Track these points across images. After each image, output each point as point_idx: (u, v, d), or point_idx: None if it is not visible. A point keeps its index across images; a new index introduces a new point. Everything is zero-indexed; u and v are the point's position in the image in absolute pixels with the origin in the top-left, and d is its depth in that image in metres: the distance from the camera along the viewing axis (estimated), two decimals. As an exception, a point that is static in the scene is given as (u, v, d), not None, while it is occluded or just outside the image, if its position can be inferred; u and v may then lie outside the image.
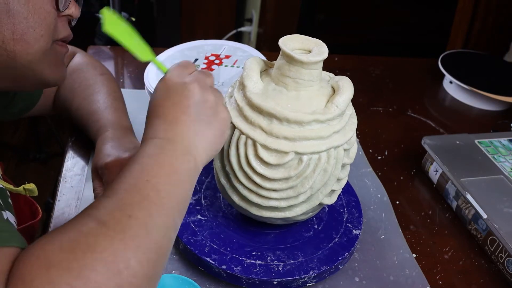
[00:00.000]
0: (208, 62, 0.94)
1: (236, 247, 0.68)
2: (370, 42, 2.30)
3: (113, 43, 1.44)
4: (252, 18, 2.08)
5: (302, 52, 0.62)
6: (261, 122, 0.60)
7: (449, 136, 0.96)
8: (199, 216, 0.72)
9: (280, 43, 0.61)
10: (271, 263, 0.67)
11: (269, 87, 0.62)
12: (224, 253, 0.67)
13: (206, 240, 0.68)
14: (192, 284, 0.63)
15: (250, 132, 0.61)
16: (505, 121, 1.10)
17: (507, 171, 0.88)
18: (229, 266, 0.65)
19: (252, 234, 0.71)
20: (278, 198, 0.63)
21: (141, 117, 0.97)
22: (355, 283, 0.70)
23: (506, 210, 0.80)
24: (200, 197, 0.75)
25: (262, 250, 0.69)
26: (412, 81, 1.24)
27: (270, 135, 0.60)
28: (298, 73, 0.60)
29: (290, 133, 0.60)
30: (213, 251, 0.67)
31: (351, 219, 0.75)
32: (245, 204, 0.65)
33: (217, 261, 0.66)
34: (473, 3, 1.51)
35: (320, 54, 0.60)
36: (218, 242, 0.68)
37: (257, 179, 0.62)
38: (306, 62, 0.59)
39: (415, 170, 0.94)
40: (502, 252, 0.75)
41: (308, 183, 0.62)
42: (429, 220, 0.84)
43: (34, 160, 2.04)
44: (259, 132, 0.60)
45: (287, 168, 0.61)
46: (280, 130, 0.60)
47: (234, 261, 0.66)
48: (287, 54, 0.59)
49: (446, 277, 0.74)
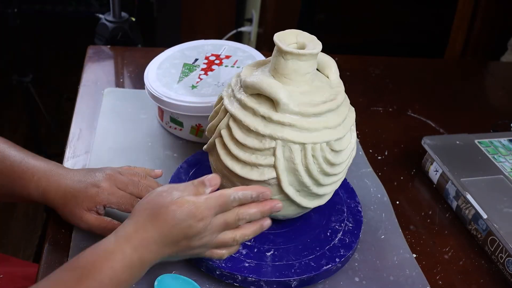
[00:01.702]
0: (208, 62, 0.94)
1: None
2: (370, 42, 2.30)
3: (113, 43, 1.45)
4: (252, 18, 2.08)
5: (292, 45, 0.65)
6: (323, 123, 0.63)
7: (449, 136, 0.96)
8: None
9: (281, 44, 0.62)
10: (270, 263, 0.67)
11: (294, 92, 0.63)
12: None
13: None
14: (192, 284, 0.63)
15: (321, 137, 0.63)
16: (505, 121, 1.10)
17: (507, 171, 0.88)
18: (227, 266, 0.65)
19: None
20: (344, 169, 0.68)
21: (141, 117, 0.97)
22: (355, 283, 0.70)
23: (506, 210, 0.80)
24: None
25: (260, 250, 0.69)
26: (412, 81, 1.24)
27: (335, 128, 0.64)
28: (314, 66, 0.64)
29: (343, 115, 0.65)
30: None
31: (351, 219, 0.75)
32: (318, 201, 0.69)
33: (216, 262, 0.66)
34: (473, 3, 1.51)
35: (315, 42, 0.64)
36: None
37: (334, 170, 0.66)
38: (315, 54, 0.62)
39: (415, 170, 0.94)
40: (502, 252, 0.75)
41: (350, 161, 0.69)
42: (429, 220, 0.84)
43: (34, 160, 2.04)
44: (326, 132, 0.63)
45: (350, 144, 0.67)
46: (338, 118, 0.64)
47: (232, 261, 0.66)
48: (300, 54, 0.62)
49: (446, 277, 0.74)
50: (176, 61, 0.95)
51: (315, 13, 2.12)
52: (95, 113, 0.97)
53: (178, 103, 0.86)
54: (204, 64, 0.94)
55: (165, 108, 0.88)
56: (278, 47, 0.62)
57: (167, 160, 0.87)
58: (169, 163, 0.86)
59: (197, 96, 0.86)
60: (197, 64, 0.94)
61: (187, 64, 0.94)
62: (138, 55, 1.19)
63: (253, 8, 2.09)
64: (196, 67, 0.93)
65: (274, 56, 0.64)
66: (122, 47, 1.23)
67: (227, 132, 0.65)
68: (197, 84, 0.89)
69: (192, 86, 0.89)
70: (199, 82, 0.90)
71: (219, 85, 0.89)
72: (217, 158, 0.67)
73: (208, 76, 0.91)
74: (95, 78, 1.07)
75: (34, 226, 1.81)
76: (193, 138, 0.91)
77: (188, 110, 0.86)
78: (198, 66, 0.94)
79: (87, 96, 1.02)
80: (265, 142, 0.62)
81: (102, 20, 1.45)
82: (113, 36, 1.44)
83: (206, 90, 0.88)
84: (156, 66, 0.93)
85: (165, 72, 0.92)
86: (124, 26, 1.45)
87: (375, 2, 2.35)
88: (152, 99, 0.90)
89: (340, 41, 1.82)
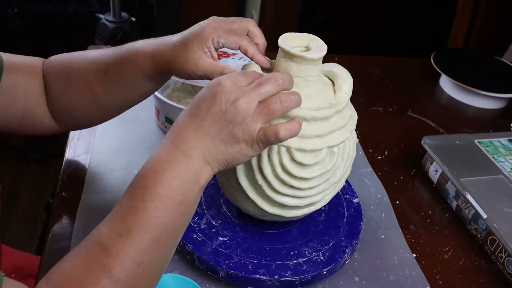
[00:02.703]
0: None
1: (237, 247, 0.68)
2: (370, 42, 2.30)
3: (113, 42, 1.45)
4: (252, 18, 2.08)
5: (300, 49, 0.63)
6: None
7: (449, 136, 0.96)
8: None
9: (283, 45, 0.61)
10: (271, 262, 0.67)
11: None
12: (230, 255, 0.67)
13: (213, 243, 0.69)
14: (192, 284, 0.63)
15: None
16: (505, 121, 1.10)
17: (507, 171, 0.88)
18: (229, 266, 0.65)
19: (253, 233, 0.71)
20: (315, 194, 0.65)
21: (141, 117, 0.97)
22: (355, 283, 0.70)
23: (506, 210, 0.80)
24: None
25: (261, 249, 0.69)
26: (412, 81, 1.24)
27: (303, 138, 0.60)
28: (309, 71, 0.61)
29: (320, 131, 0.61)
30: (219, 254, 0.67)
31: (351, 219, 0.75)
32: (279, 210, 0.66)
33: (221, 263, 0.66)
34: (473, 2, 1.51)
35: (321, 48, 0.62)
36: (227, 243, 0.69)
37: (295, 183, 0.62)
38: (316, 59, 0.60)
39: (415, 170, 0.94)
40: (502, 252, 0.75)
41: (339, 171, 0.65)
42: (429, 220, 0.84)
43: (34, 160, 2.04)
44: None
45: (322, 164, 0.63)
46: (311, 130, 0.61)
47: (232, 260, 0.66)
48: (297, 55, 0.60)
49: (446, 277, 0.74)
50: None
51: (315, 13, 2.12)
52: (95, 113, 0.97)
53: (171, 103, 0.87)
54: None
55: (160, 107, 0.89)
56: (279, 45, 0.62)
57: (167, 160, 0.87)
58: (169, 163, 0.86)
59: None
60: None
61: None
62: (138, 55, 1.19)
63: (253, 8, 2.09)
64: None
65: (278, 54, 0.63)
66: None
67: None
68: None
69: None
70: None
71: None
72: None
73: None
74: (95, 78, 1.07)
75: (34, 226, 1.81)
76: None
77: (180, 111, 0.87)
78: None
79: (87, 96, 1.02)
80: None
81: (102, 20, 1.46)
82: (113, 36, 1.45)
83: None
84: None
85: None
86: (124, 26, 1.45)
87: (375, 2, 2.36)
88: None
89: (340, 41, 1.82)
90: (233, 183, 0.65)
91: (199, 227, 0.70)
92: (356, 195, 0.79)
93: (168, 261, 0.53)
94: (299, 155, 0.61)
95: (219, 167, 0.54)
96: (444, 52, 1.27)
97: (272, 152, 0.61)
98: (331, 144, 0.62)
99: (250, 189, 0.65)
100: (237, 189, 0.65)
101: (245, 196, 0.65)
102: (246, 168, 0.63)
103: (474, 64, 1.24)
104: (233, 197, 0.68)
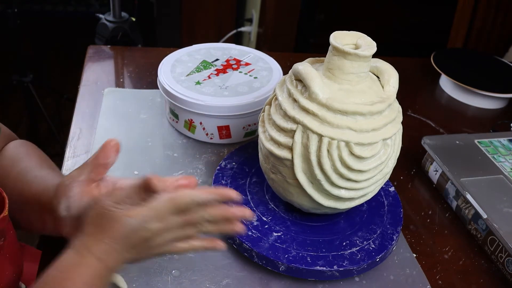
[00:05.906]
0: (226, 65, 0.96)
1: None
2: (370, 42, 2.29)
3: (113, 42, 1.45)
4: (252, 18, 2.08)
5: (350, 46, 0.66)
6: (348, 123, 0.63)
7: (449, 136, 0.96)
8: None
9: (336, 43, 0.63)
10: (328, 254, 0.69)
11: (333, 87, 0.65)
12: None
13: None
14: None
15: (340, 135, 0.63)
16: (505, 121, 1.10)
17: (507, 171, 0.88)
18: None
19: (304, 226, 0.73)
20: (369, 185, 0.67)
21: (141, 117, 0.97)
22: (355, 283, 0.70)
23: (506, 210, 0.80)
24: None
25: (315, 242, 0.71)
26: (412, 81, 1.24)
27: (360, 132, 0.63)
28: (361, 68, 0.64)
29: (376, 124, 0.64)
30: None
31: (392, 207, 0.78)
32: (334, 202, 0.68)
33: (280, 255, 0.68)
34: (473, 2, 1.51)
35: (371, 45, 0.65)
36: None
37: (353, 176, 0.65)
38: (368, 56, 0.63)
39: (415, 170, 0.94)
40: (502, 252, 0.75)
41: (391, 162, 0.68)
42: (429, 220, 0.84)
43: (34, 160, 2.04)
44: (349, 132, 0.63)
45: (377, 156, 0.65)
46: (368, 124, 0.63)
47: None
48: (351, 53, 0.63)
49: (446, 277, 0.74)
50: (198, 56, 0.97)
51: (315, 13, 2.12)
52: (95, 113, 0.97)
53: (174, 93, 0.87)
54: (221, 66, 0.96)
55: (165, 96, 0.90)
56: (331, 43, 0.64)
57: (167, 160, 0.87)
58: (169, 163, 0.86)
59: (195, 92, 0.87)
60: (214, 64, 0.96)
61: (205, 62, 0.96)
62: (138, 55, 1.19)
63: (253, 8, 2.09)
64: (212, 66, 0.95)
65: (329, 52, 0.66)
66: (122, 47, 1.23)
67: (268, 107, 0.70)
68: (202, 82, 0.90)
69: (197, 82, 0.90)
70: (205, 80, 0.90)
71: (222, 87, 0.89)
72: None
73: (218, 77, 0.92)
74: (95, 78, 1.08)
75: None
76: (187, 132, 0.92)
77: (181, 103, 0.87)
78: (214, 66, 0.95)
79: (87, 96, 1.02)
80: (289, 123, 0.65)
81: (102, 20, 1.46)
82: (113, 36, 1.45)
83: (207, 89, 0.88)
84: (178, 56, 0.96)
85: (183, 63, 0.95)
86: (124, 26, 1.45)
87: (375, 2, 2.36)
88: (158, 84, 0.92)
89: (340, 41, 1.82)
90: (288, 179, 0.68)
91: (252, 224, 0.72)
92: (391, 184, 0.82)
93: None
94: (357, 149, 0.63)
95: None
96: (444, 52, 1.27)
97: (332, 147, 0.63)
98: (385, 137, 0.65)
99: (307, 184, 0.67)
100: (292, 184, 0.68)
101: (301, 191, 0.68)
102: (304, 164, 0.65)
103: (474, 64, 1.24)
104: (286, 192, 0.70)
